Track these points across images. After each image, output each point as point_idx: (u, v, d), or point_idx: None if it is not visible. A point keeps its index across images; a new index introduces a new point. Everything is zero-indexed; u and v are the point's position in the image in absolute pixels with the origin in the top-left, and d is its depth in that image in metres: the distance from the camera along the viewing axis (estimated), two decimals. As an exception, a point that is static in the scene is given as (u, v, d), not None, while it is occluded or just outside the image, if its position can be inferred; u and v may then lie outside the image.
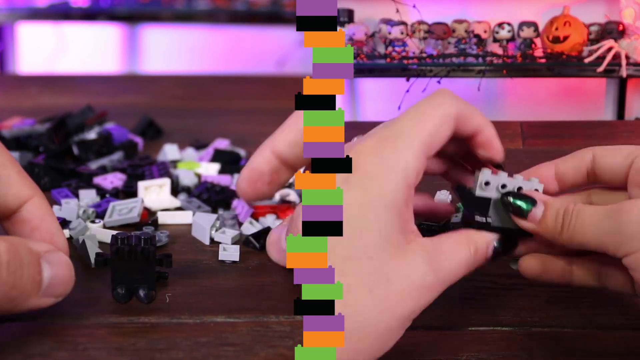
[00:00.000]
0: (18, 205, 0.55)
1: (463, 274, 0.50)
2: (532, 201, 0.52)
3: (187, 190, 0.77)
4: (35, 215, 0.55)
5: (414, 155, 0.48)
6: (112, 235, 0.56)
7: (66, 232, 0.67)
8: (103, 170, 0.81)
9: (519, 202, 0.52)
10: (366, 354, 0.47)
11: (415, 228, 0.49)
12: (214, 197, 0.73)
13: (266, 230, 0.67)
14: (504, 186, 0.53)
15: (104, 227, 0.68)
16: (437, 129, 0.50)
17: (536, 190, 0.53)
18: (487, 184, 0.53)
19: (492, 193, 0.53)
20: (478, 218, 0.52)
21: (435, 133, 0.50)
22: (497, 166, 0.53)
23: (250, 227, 0.69)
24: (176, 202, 0.74)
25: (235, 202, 0.73)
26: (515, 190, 0.53)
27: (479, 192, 0.53)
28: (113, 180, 0.78)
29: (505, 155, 0.54)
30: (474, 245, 0.50)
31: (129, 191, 0.76)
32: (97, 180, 0.78)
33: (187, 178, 0.78)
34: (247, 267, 0.64)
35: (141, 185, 0.74)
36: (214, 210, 0.73)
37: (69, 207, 0.70)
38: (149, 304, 0.57)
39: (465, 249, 0.50)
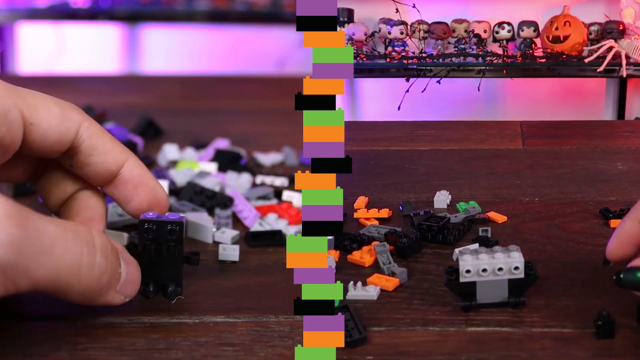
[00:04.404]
0: (118, 168, 0.57)
1: None
2: None
3: (176, 193, 0.76)
4: (135, 174, 0.58)
5: None
6: (140, 221, 0.56)
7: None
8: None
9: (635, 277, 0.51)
10: None
11: None
12: (207, 203, 0.73)
13: (274, 232, 0.67)
14: (484, 270, 0.55)
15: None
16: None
17: (517, 268, 0.55)
18: (468, 272, 0.55)
19: (475, 277, 0.55)
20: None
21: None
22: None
23: (260, 228, 0.69)
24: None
25: (240, 206, 0.73)
26: (496, 271, 0.55)
27: (463, 279, 0.55)
28: None
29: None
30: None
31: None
32: None
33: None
34: (246, 267, 0.64)
35: None
36: (210, 214, 0.72)
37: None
38: (174, 301, 0.57)
39: None
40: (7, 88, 0.53)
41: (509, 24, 1.05)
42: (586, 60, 1.00)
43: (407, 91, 1.00)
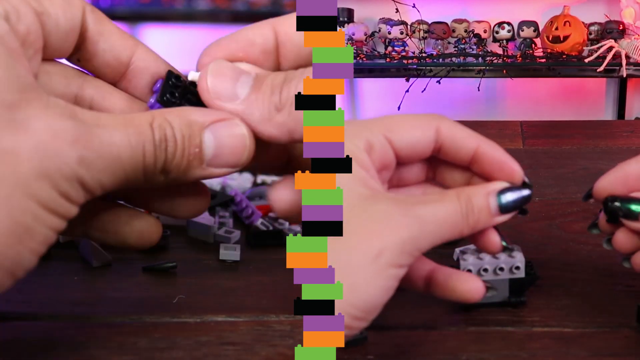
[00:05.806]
0: (128, 56, 0.52)
1: (451, 227, 0.46)
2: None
3: None
4: (150, 60, 0.52)
5: (371, 129, 0.48)
6: (169, 72, 0.51)
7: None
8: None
9: (628, 206, 0.51)
10: None
11: (380, 187, 0.47)
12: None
13: (275, 232, 0.67)
14: (485, 270, 0.55)
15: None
16: (406, 124, 0.48)
17: (517, 267, 0.55)
18: (469, 271, 0.55)
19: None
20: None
21: (404, 128, 0.48)
22: (524, 185, 0.50)
23: (261, 228, 0.69)
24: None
25: (241, 206, 0.73)
26: (497, 270, 0.55)
27: None
28: None
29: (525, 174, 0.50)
30: (466, 197, 0.46)
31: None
32: None
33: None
34: (247, 267, 0.64)
35: None
36: (211, 213, 0.72)
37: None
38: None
39: (452, 199, 0.46)
40: None
41: (509, 24, 1.05)
42: (586, 60, 1.00)
43: (407, 91, 1.00)
